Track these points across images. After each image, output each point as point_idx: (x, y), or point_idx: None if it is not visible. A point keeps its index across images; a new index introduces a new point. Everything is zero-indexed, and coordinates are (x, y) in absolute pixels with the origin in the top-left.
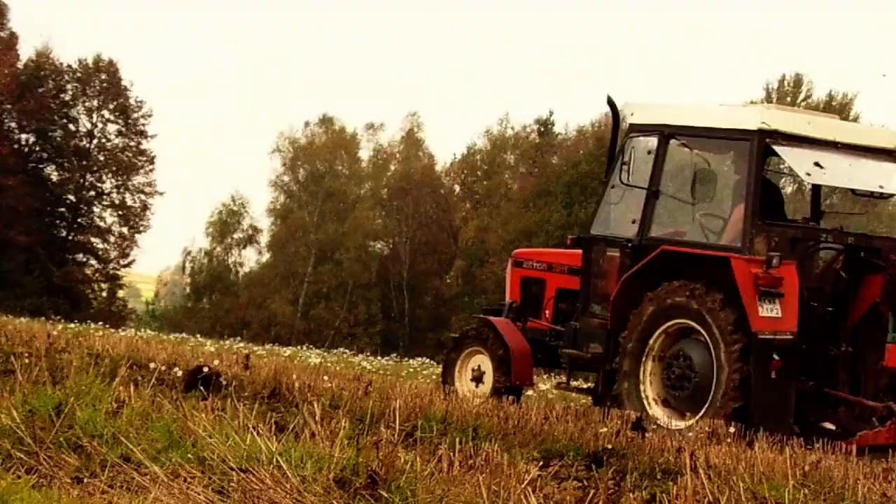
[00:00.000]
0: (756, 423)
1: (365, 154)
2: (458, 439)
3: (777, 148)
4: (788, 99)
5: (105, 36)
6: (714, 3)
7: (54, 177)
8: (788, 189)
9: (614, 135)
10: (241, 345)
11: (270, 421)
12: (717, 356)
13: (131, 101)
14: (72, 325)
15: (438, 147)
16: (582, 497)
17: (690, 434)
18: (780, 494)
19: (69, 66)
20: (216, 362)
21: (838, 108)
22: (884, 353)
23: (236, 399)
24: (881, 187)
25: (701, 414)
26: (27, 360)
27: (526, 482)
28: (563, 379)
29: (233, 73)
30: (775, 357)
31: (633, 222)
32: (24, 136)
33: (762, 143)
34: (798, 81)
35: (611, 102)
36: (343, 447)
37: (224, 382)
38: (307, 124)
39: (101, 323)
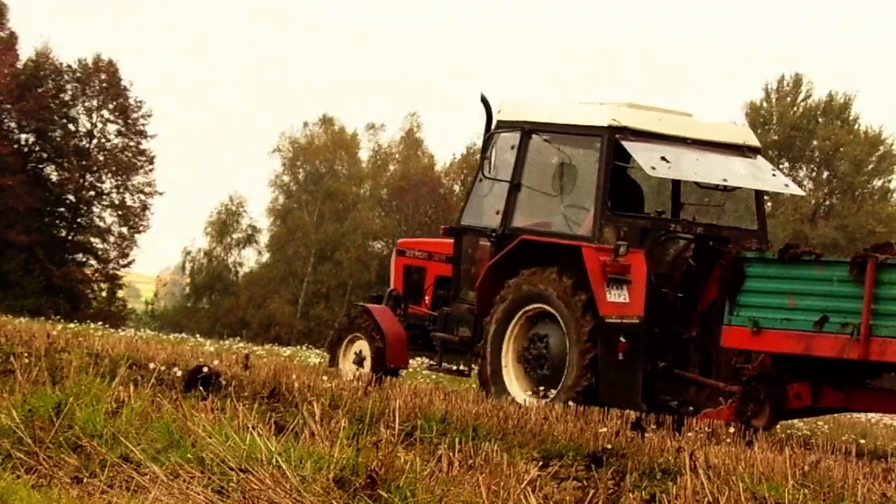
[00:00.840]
0: (605, 401)
1: (365, 154)
2: (457, 439)
3: (625, 143)
4: (788, 99)
5: (105, 36)
6: (714, 3)
7: (54, 177)
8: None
9: (487, 131)
10: (241, 345)
11: (270, 421)
12: (570, 338)
13: (131, 100)
14: (71, 325)
15: (439, 147)
16: (581, 497)
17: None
18: (779, 494)
19: (69, 65)
20: (216, 362)
21: (837, 108)
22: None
23: (236, 399)
24: (725, 180)
25: (556, 392)
26: (27, 360)
27: (525, 482)
28: (435, 361)
29: (233, 73)
30: (622, 339)
31: (497, 213)
32: (23, 135)
33: (612, 139)
34: (798, 82)
35: (484, 101)
36: (342, 447)
37: (224, 382)
38: (306, 124)
39: (100, 323)
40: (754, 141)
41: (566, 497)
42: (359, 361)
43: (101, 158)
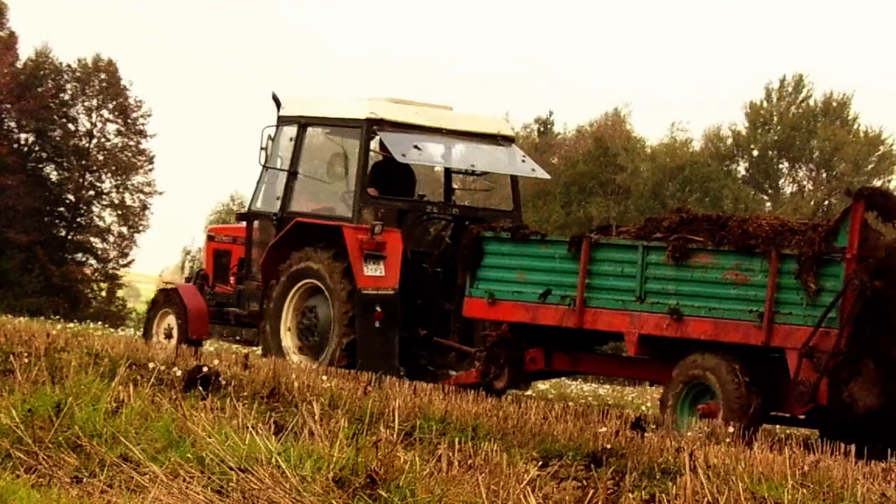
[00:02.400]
0: (363, 365)
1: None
2: (457, 439)
3: (381, 134)
4: (789, 99)
5: (105, 36)
6: (715, 3)
7: (53, 176)
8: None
9: (278, 125)
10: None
11: (269, 421)
12: (334, 309)
13: (130, 100)
14: (71, 325)
15: None
16: (581, 497)
17: (689, 433)
18: (778, 494)
19: (68, 65)
20: (215, 362)
21: (836, 107)
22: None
23: (235, 399)
24: (472, 166)
25: (324, 357)
26: (26, 360)
27: (525, 482)
28: (231, 334)
29: (232, 73)
30: (378, 309)
31: (278, 199)
32: (23, 135)
33: (370, 130)
34: (798, 82)
35: (275, 98)
36: (342, 447)
37: (223, 382)
38: None
39: (100, 322)
40: (508, 131)
41: (566, 497)
42: (168, 334)
43: (101, 158)
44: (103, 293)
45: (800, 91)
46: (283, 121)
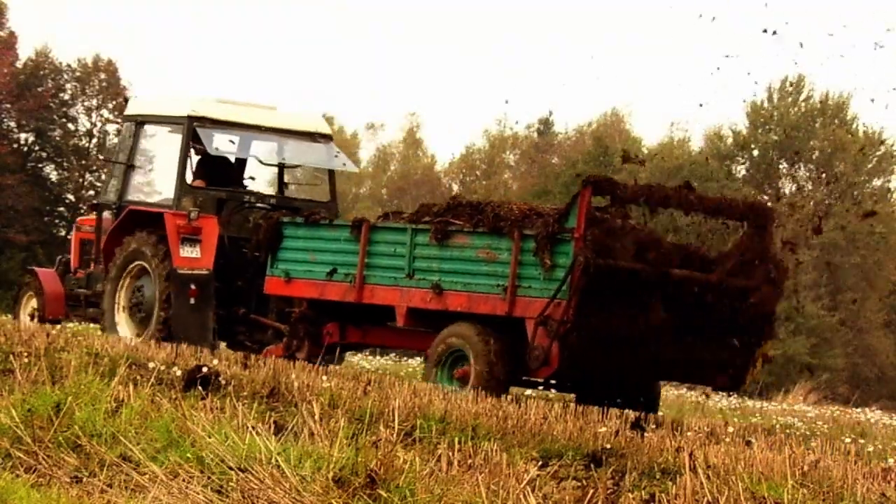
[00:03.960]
0: (179, 337)
1: (365, 154)
2: (456, 439)
3: (199, 130)
4: (790, 99)
5: (105, 36)
6: (715, 3)
7: (53, 176)
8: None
9: (122, 123)
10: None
11: (269, 420)
12: (156, 288)
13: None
14: (71, 325)
15: (439, 147)
16: (581, 497)
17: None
18: (778, 494)
19: (68, 65)
20: (215, 362)
21: (834, 108)
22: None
23: (235, 398)
24: (284, 160)
25: (148, 330)
26: (26, 360)
27: (525, 482)
28: (80, 313)
29: (232, 73)
30: (193, 287)
31: (117, 190)
32: (23, 135)
33: (191, 126)
34: (799, 82)
35: (125, 99)
36: (342, 447)
37: (223, 382)
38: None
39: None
40: (325, 129)
41: (565, 497)
42: (32, 315)
43: (101, 158)
44: None
45: (800, 91)
46: (125, 119)
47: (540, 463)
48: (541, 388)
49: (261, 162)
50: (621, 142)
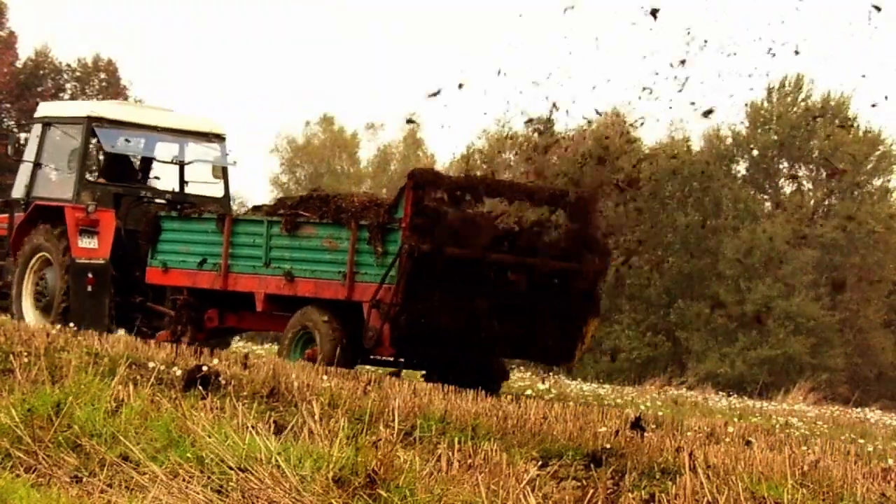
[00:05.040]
0: (77, 323)
1: (365, 154)
2: (456, 439)
3: (97, 130)
4: (789, 99)
5: (105, 36)
6: (715, 3)
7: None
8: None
9: (33, 125)
10: (240, 344)
11: (269, 420)
12: (58, 276)
13: (130, 100)
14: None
15: (438, 147)
16: (581, 497)
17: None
18: (778, 494)
19: (68, 65)
20: (215, 361)
21: (834, 107)
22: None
23: (235, 398)
24: (176, 157)
25: (51, 317)
26: (26, 360)
27: (525, 482)
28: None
29: (232, 73)
30: (90, 276)
31: (26, 186)
32: (23, 135)
33: (90, 126)
34: (799, 81)
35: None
36: (342, 446)
37: (223, 382)
38: (307, 123)
39: None
40: (220, 130)
41: (565, 497)
42: None
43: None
44: None
45: (799, 91)
46: (34, 121)
47: (540, 463)
48: (390, 367)
49: (154, 160)
50: (621, 142)
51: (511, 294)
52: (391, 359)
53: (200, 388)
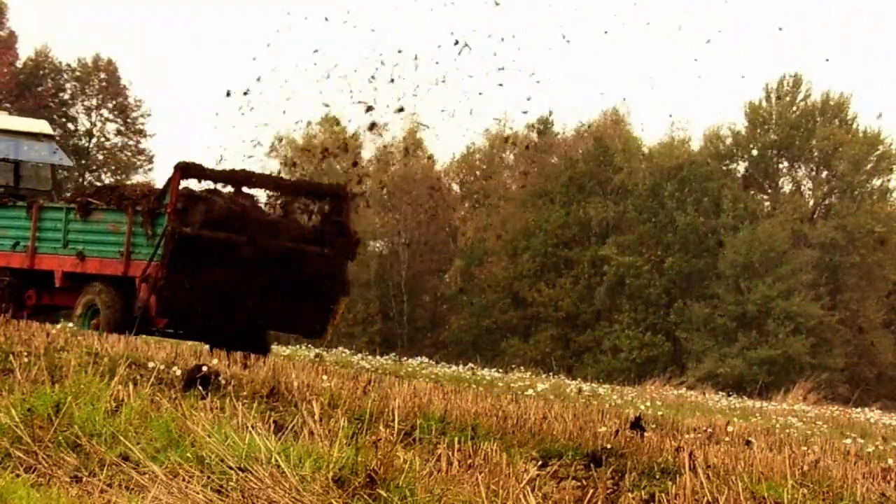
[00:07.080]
0: None
1: (365, 154)
2: (456, 439)
3: None
4: (788, 99)
5: (104, 35)
6: (715, 3)
7: None
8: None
9: None
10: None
11: (269, 420)
12: None
13: (130, 100)
14: (70, 324)
15: (438, 147)
16: (581, 496)
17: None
18: (778, 494)
19: (68, 65)
20: (215, 361)
21: (834, 107)
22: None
23: (235, 398)
24: (7, 156)
25: None
26: (26, 360)
27: (525, 482)
28: None
29: (232, 73)
30: None
31: None
32: None
33: None
34: (797, 81)
35: None
36: (342, 446)
37: (223, 382)
38: (308, 124)
39: None
40: (48, 130)
41: (565, 496)
42: None
43: (101, 157)
44: None
45: (798, 91)
46: None
47: (540, 463)
48: (172, 339)
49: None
50: (620, 141)
51: (269, 274)
52: (170, 330)
53: (200, 388)
